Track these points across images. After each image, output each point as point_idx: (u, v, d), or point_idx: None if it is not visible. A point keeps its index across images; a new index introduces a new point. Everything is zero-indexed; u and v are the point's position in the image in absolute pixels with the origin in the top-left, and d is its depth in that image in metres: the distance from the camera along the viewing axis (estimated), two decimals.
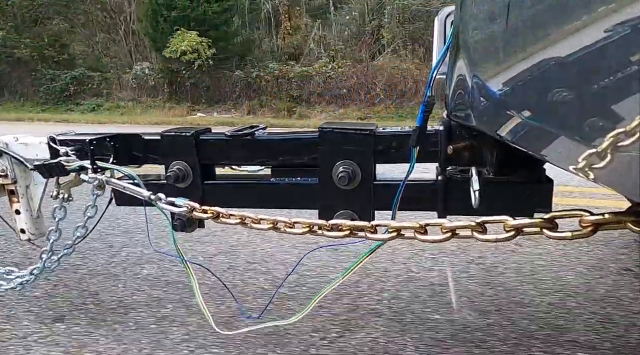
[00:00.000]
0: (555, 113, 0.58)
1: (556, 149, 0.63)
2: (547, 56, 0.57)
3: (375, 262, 2.07)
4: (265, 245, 2.35)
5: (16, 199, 1.61)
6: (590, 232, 0.77)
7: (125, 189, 1.33)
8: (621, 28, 0.42)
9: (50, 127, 9.85)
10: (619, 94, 0.45)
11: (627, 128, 0.44)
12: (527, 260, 2.08)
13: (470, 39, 0.89)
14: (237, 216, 1.17)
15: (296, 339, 1.48)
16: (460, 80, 0.95)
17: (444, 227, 0.92)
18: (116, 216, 2.77)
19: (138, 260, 2.19)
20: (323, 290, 1.15)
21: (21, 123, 13.01)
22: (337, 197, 1.27)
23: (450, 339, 1.47)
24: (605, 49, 0.45)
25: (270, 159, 1.38)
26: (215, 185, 1.43)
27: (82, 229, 1.46)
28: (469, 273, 1.97)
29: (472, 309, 1.65)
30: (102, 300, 1.78)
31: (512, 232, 0.85)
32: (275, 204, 1.41)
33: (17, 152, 1.55)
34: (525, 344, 1.43)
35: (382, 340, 1.47)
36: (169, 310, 1.69)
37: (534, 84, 0.63)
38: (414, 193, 1.25)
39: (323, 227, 1.08)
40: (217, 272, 1.95)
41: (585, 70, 0.50)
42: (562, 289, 1.79)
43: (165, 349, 1.45)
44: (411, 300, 1.73)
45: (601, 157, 0.49)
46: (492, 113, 0.83)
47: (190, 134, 1.37)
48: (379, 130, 1.27)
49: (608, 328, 1.52)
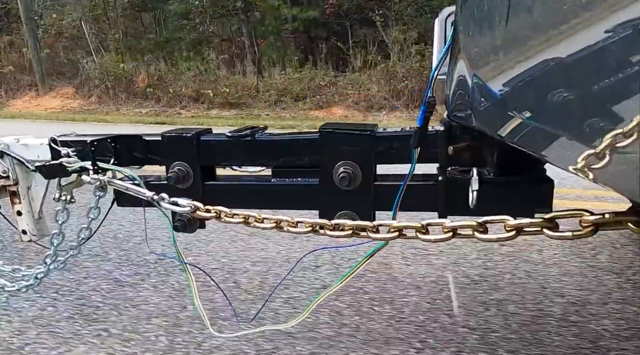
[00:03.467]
0: (555, 114, 0.58)
1: (556, 149, 0.64)
2: (546, 57, 0.58)
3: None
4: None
5: (18, 200, 1.62)
6: (591, 232, 0.77)
7: (127, 189, 1.33)
8: (620, 29, 0.43)
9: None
10: (617, 95, 0.45)
11: (625, 129, 0.44)
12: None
13: (470, 39, 0.90)
14: (240, 216, 1.17)
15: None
16: (461, 81, 0.96)
17: (445, 227, 0.93)
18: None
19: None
20: (321, 295, 1.16)
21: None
22: (338, 198, 1.27)
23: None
24: (604, 50, 0.45)
25: (271, 160, 1.39)
26: (216, 186, 1.43)
27: (87, 231, 1.47)
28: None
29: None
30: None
31: (513, 231, 0.85)
32: (276, 205, 1.41)
33: (18, 154, 1.55)
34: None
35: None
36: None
37: (533, 85, 0.63)
38: (415, 193, 1.25)
39: (326, 227, 1.08)
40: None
41: (584, 71, 0.50)
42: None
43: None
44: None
45: (600, 157, 0.50)
46: (493, 113, 0.83)
47: (191, 135, 1.37)
48: (380, 131, 1.28)
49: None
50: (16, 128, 7.94)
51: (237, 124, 6.20)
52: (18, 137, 1.59)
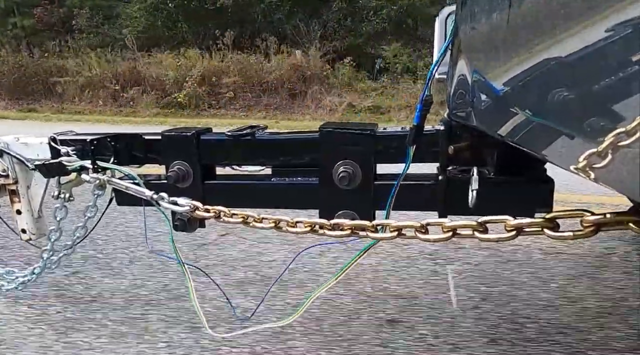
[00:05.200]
0: (556, 112, 0.58)
1: (557, 148, 0.64)
2: (548, 56, 0.57)
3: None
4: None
5: (17, 199, 1.62)
6: (592, 232, 0.77)
7: (127, 188, 1.33)
8: (622, 28, 0.42)
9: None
10: (619, 93, 0.45)
11: (627, 128, 0.44)
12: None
13: (471, 38, 0.89)
14: (239, 215, 1.17)
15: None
16: (461, 80, 0.96)
17: (444, 227, 0.92)
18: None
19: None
20: (316, 291, 1.16)
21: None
22: (338, 197, 1.27)
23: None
24: (605, 49, 0.45)
25: (271, 159, 1.39)
26: (215, 185, 1.43)
27: (83, 229, 1.46)
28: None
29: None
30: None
31: (513, 231, 0.85)
32: (276, 204, 1.41)
33: (18, 152, 1.55)
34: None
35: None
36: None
37: (534, 84, 0.63)
38: (415, 193, 1.25)
39: (324, 227, 1.08)
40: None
41: (585, 70, 0.50)
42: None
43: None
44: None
45: (602, 156, 0.49)
46: (493, 113, 0.83)
47: (191, 134, 1.37)
48: (380, 131, 1.28)
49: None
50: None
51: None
52: (18, 136, 1.59)
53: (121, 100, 10.00)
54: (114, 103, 10.04)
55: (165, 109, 9.52)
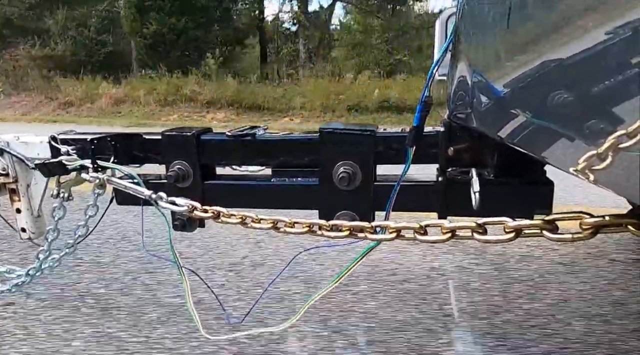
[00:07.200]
0: (556, 115, 0.58)
1: (557, 150, 0.63)
2: (548, 58, 0.57)
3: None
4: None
5: (17, 198, 1.61)
6: (591, 234, 0.76)
7: (126, 188, 1.33)
8: (622, 30, 0.42)
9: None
10: (619, 95, 0.45)
11: (628, 130, 0.44)
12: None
13: (471, 40, 0.89)
14: (237, 216, 1.17)
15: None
16: (461, 81, 0.95)
17: (444, 228, 0.92)
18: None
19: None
20: (314, 296, 1.15)
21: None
22: (338, 198, 1.27)
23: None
24: (606, 51, 0.45)
25: (271, 160, 1.39)
26: (215, 185, 1.43)
27: (83, 229, 1.46)
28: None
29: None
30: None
31: (512, 233, 0.85)
32: (276, 205, 1.41)
33: (18, 151, 1.55)
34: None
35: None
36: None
37: (535, 86, 0.63)
38: (415, 194, 1.25)
39: (323, 227, 1.07)
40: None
41: (586, 72, 0.50)
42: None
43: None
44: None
45: (602, 158, 0.49)
46: (493, 114, 0.83)
47: (191, 134, 1.37)
48: (380, 132, 1.28)
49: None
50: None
51: None
52: (18, 135, 1.59)
53: None
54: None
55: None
